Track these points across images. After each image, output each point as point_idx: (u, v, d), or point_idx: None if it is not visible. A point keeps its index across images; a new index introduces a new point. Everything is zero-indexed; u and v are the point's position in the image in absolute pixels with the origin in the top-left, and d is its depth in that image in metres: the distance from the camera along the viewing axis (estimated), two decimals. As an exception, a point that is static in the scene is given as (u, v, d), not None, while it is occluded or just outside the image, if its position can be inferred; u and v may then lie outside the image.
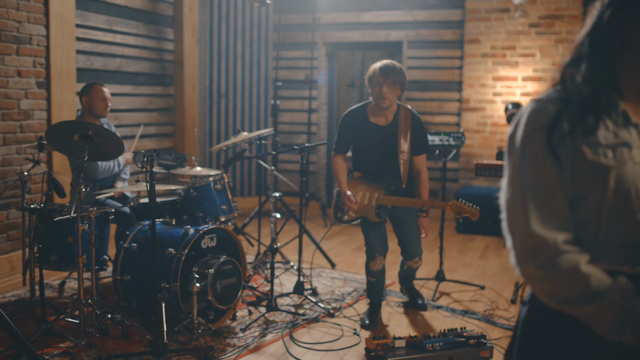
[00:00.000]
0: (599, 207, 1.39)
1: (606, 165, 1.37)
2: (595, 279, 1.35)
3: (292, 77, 8.75)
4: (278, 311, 4.52)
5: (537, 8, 7.64)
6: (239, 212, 4.88)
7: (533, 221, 1.38)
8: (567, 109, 1.41)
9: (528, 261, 1.39)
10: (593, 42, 1.45)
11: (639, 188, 1.38)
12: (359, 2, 8.40)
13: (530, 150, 1.41)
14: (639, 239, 1.40)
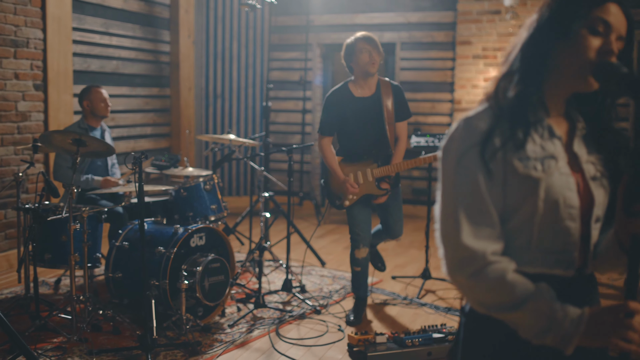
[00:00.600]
0: (531, 216, 1.49)
1: (536, 178, 1.47)
2: (520, 288, 1.44)
3: (287, 78, 8.88)
4: (266, 308, 4.65)
5: (528, 10, 7.74)
6: (228, 211, 5.02)
7: (463, 234, 1.46)
8: (498, 124, 1.50)
9: (458, 271, 1.48)
10: (525, 58, 1.55)
11: (566, 197, 1.49)
12: (353, 4, 8.52)
13: (463, 166, 1.49)
14: (568, 243, 1.52)
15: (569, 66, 1.52)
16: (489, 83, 1.62)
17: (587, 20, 1.49)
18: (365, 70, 4.34)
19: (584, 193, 1.54)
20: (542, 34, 1.54)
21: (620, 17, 1.51)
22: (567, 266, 1.53)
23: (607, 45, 1.48)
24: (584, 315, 1.40)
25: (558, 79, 1.56)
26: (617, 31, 1.50)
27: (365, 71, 4.35)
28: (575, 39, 1.50)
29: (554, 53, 1.53)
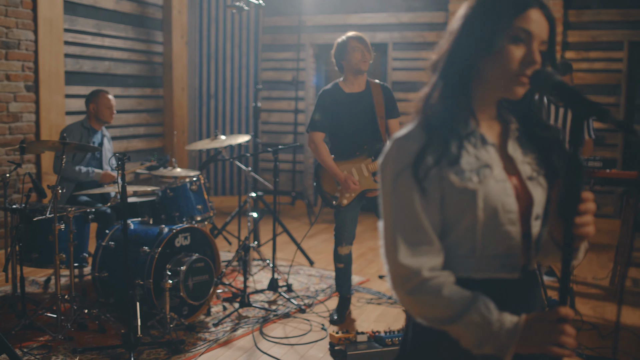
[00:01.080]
0: (472, 226, 1.53)
1: (473, 189, 1.51)
2: (456, 302, 1.48)
3: (280, 78, 8.94)
4: (251, 307, 4.70)
5: (519, 10, 7.77)
6: (215, 211, 5.07)
7: (401, 252, 1.50)
8: (430, 142, 1.52)
9: (399, 287, 1.53)
10: (449, 74, 1.58)
11: (504, 203, 1.53)
12: (345, 5, 8.57)
13: (397, 188, 1.52)
14: (511, 247, 1.56)
15: (494, 77, 1.55)
16: (417, 99, 1.64)
17: (509, 32, 1.51)
18: (357, 67, 4.40)
19: (523, 194, 1.58)
20: (464, 49, 1.56)
21: (541, 21, 1.53)
22: (512, 269, 1.57)
23: (531, 55, 1.51)
24: (519, 325, 1.45)
25: (485, 88, 1.58)
26: (539, 37, 1.52)
27: (357, 69, 4.40)
28: (499, 52, 1.52)
29: (478, 65, 1.56)
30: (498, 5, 1.54)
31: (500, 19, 1.52)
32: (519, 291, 1.59)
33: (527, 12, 1.51)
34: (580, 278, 5.78)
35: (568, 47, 7.86)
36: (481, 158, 1.55)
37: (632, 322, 4.68)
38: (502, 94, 1.58)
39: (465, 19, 1.58)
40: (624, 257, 5.30)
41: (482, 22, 1.54)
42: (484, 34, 1.53)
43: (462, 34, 1.57)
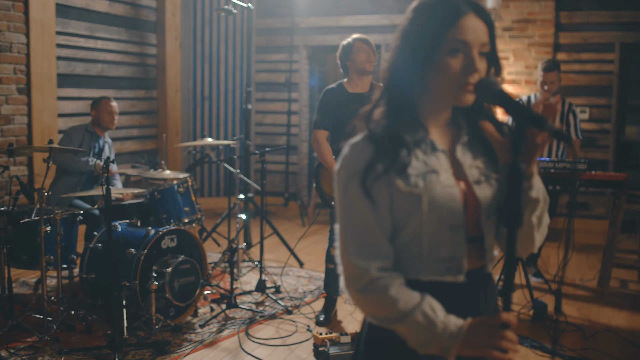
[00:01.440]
0: (418, 229, 1.57)
1: (418, 194, 1.55)
2: (402, 303, 1.52)
3: (274, 80, 8.98)
4: (238, 308, 4.74)
5: (511, 12, 7.82)
6: (202, 213, 5.10)
7: (351, 252, 1.56)
8: (379, 151, 1.56)
9: (349, 286, 1.58)
10: (393, 87, 1.62)
11: (450, 208, 1.57)
12: (338, 7, 8.60)
13: (348, 192, 1.57)
14: (455, 252, 1.59)
15: (438, 89, 1.58)
16: (366, 109, 1.68)
17: (445, 46, 1.53)
18: (363, 68, 4.46)
19: (471, 198, 1.61)
20: (405, 64, 1.59)
21: (477, 26, 1.54)
22: (456, 272, 1.60)
23: (471, 64, 1.53)
24: (462, 328, 1.49)
25: (432, 99, 1.62)
26: (478, 43, 1.54)
27: (363, 69, 4.47)
28: (439, 65, 1.55)
29: (422, 78, 1.59)
30: (430, 19, 1.56)
31: (433, 34, 1.54)
32: (464, 294, 1.62)
33: (459, 22, 1.53)
34: (569, 279, 5.81)
35: (560, 48, 7.89)
36: (429, 164, 1.58)
37: (617, 324, 4.71)
38: (450, 103, 1.61)
39: (402, 35, 1.61)
40: (609, 259, 5.33)
41: (418, 37, 1.56)
42: (421, 49, 1.55)
43: (401, 50, 1.60)
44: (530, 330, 4.54)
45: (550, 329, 4.53)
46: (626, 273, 6.00)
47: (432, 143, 1.62)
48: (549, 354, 4.16)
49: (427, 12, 1.58)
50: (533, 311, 4.80)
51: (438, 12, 1.55)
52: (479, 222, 1.62)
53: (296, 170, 9.01)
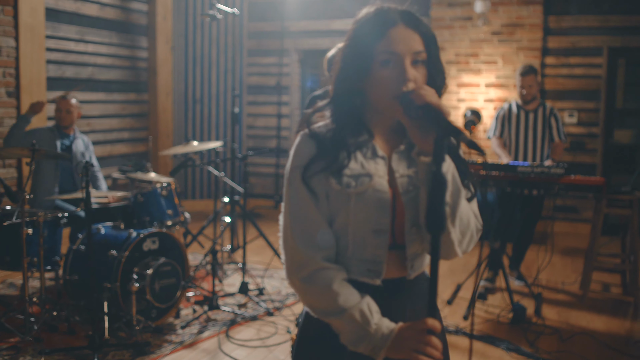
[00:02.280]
0: (345, 226, 1.64)
1: (348, 194, 1.61)
2: (343, 297, 1.58)
3: (266, 83, 9.04)
4: (220, 310, 4.79)
5: (499, 16, 7.87)
6: (185, 216, 5.15)
7: (297, 240, 1.62)
8: (320, 151, 1.63)
9: (294, 274, 1.64)
10: (337, 95, 1.67)
11: (376, 213, 1.62)
12: (329, 11, 8.66)
13: (292, 182, 1.65)
14: (376, 255, 1.65)
15: (376, 100, 1.63)
16: (309, 111, 1.74)
17: (376, 58, 1.58)
18: None
19: (400, 207, 1.66)
20: (347, 75, 1.64)
21: (407, 36, 1.58)
22: (374, 275, 1.66)
23: (402, 74, 1.57)
24: (393, 331, 1.56)
25: (373, 109, 1.67)
26: (409, 53, 1.58)
27: None
28: (373, 78, 1.60)
29: (361, 90, 1.65)
30: (363, 33, 1.61)
31: (365, 47, 1.59)
32: (379, 299, 1.65)
33: (387, 34, 1.58)
34: (552, 283, 5.85)
35: (548, 52, 7.94)
36: (366, 167, 1.64)
37: (595, 327, 4.75)
38: (388, 113, 1.65)
39: (343, 49, 1.67)
40: (589, 262, 5.38)
41: (353, 51, 1.62)
42: (356, 62, 1.61)
43: (343, 63, 1.66)
44: (509, 333, 4.59)
45: (528, 332, 4.58)
46: (609, 276, 6.04)
47: (373, 148, 1.67)
48: (524, 356, 4.21)
49: (361, 26, 1.63)
50: (512, 314, 4.85)
51: (369, 25, 1.61)
52: (402, 230, 1.67)
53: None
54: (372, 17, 1.62)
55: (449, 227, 1.57)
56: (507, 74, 7.88)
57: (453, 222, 1.59)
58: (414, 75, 1.58)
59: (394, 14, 1.61)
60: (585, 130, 7.92)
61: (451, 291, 5.39)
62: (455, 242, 1.61)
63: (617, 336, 4.59)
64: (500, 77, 7.91)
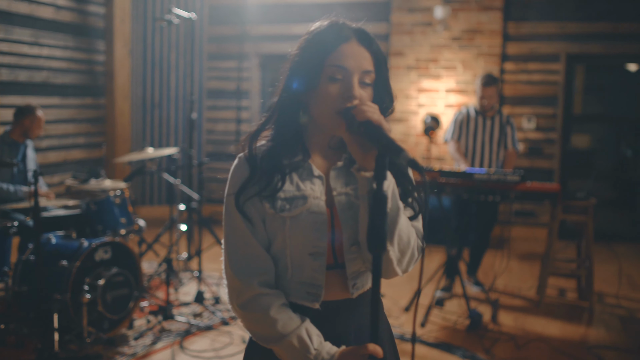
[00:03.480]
0: (282, 250, 1.61)
1: (284, 217, 1.59)
2: (281, 323, 1.56)
3: (226, 87, 8.95)
4: (175, 320, 4.71)
5: (459, 22, 7.91)
6: (139, 224, 5.07)
7: (234, 266, 1.60)
8: (253, 175, 1.60)
9: (233, 301, 1.61)
10: (284, 101, 1.64)
11: (313, 235, 1.59)
12: (289, 15, 8.62)
13: (227, 209, 1.63)
14: (314, 278, 1.62)
15: (319, 115, 1.60)
16: (247, 134, 1.69)
17: (324, 72, 1.56)
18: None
19: (338, 226, 1.63)
20: (291, 89, 1.61)
21: (359, 53, 1.57)
22: (313, 299, 1.63)
23: (349, 90, 1.55)
24: (334, 357, 1.54)
25: (315, 124, 1.64)
26: (358, 70, 1.56)
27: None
28: (319, 91, 1.57)
29: (305, 104, 1.62)
30: (314, 45, 1.59)
31: (314, 60, 1.57)
32: (322, 320, 1.63)
33: (339, 49, 1.56)
34: (509, 288, 5.88)
35: (507, 58, 8.00)
36: (301, 189, 1.61)
37: (550, 333, 4.78)
38: (330, 129, 1.62)
39: (291, 60, 1.64)
40: (545, 268, 5.42)
41: (302, 63, 1.59)
42: (304, 75, 1.58)
43: (289, 75, 1.63)
44: (465, 340, 4.60)
45: (484, 339, 4.59)
46: (565, 282, 6.10)
47: (310, 168, 1.64)
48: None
49: (313, 38, 1.61)
50: (469, 321, 4.86)
51: (321, 38, 1.59)
52: (341, 250, 1.64)
53: (248, 178, 8.99)
54: (326, 30, 1.60)
55: (387, 246, 1.54)
56: (467, 79, 7.92)
57: (391, 240, 1.56)
58: (360, 93, 1.56)
59: (348, 30, 1.60)
60: (543, 135, 8.00)
61: (409, 298, 5.39)
62: (394, 261, 1.59)
63: (572, 342, 4.62)
64: (460, 82, 7.95)
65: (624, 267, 6.29)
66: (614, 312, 5.32)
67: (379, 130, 1.45)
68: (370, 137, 1.47)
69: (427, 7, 7.97)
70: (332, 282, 1.64)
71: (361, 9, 8.32)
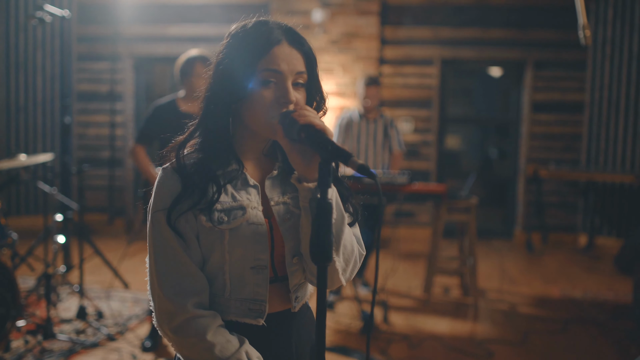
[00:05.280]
0: (221, 265, 1.49)
1: (222, 230, 1.48)
2: (219, 347, 1.45)
3: (98, 90, 8.55)
4: (57, 339, 4.39)
5: (338, 26, 7.98)
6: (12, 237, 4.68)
7: (165, 287, 1.46)
8: (186, 189, 1.47)
9: (164, 324, 1.48)
10: (207, 121, 1.53)
11: (253, 247, 1.50)
12: (165, 15, 8.35)
13: (155, 225, 1.48)
14: (257, 293, 1.52)
15: (252, 122, 1.52)
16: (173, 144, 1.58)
17: (257, 77, 1.47)
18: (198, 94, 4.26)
19: (278, 237, 1.55)
20: (219, 96, 1.51)
21: (291, 55, 1.50)
22: (257, 315, 1.54)
23: (284, 95, 1.47)
24: None
25: (248, 130, 1.55)
26: (292, 72, 1.49)
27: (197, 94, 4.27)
28: (251, 97, 1.48)
29: (236, 110, 1.52)
30: (242, 48, 1.49)
31: (245, 64, 1.47)
32: (264, 337, 1.56)
33: (271, 52, 1.48)
34: (396, 288, 5.96)
35: (385, 62, 8.15)
36: (238, 199, 1.51)
37: (441, 331, 4.88)
38: (265, 135, 1.55)
39: (217, 64, 1.53)
40: (432, 267, 5.54)
41: (231, 68, 1.49)
42: (233, 80, 1.48)
43: (215, 80, 1.52)
44: (360, 343, 4.59)
45: (379, 340, 4.61)
46: (449, 279, 6.27)
47: (245, 177, 1.54)
48: (377, 365, 4.23)
49: (240, 41, 1.50)
50: (362, 323, 4.87)
51: (250, 40, 1.48)
52: (283, 263, 1.56)
53: (121, 185, 8.61)
54: (253, 33, 1.50)
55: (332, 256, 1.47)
56: (346, 82, 7.98)
57: (337, 250, 1.50)
58: (295, 97, 1.49)
59: (278, 31, 1.50)
60: (420, 137, 8.22)
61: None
62: (339, 271, 1.53)
63: (461, 338, 4.74)
64: (340, 85, 8.01)
65: (498, 262, 6.56)
66: (496, 307, 5.51)
67: (322, 135, 1.38)
68: (313, 143, 1.39)
69: (306, 10, 7.98)
70: (273, 296, 1.57)
71: (239, 11, 8.09)
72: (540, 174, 7.97)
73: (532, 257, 7.63)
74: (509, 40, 8.11)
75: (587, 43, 3.47)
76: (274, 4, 8.00)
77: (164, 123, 4.33)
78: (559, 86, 8.20)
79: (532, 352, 4.49)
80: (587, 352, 4.51)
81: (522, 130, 8.40)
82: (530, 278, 6.55)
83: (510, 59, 8.24)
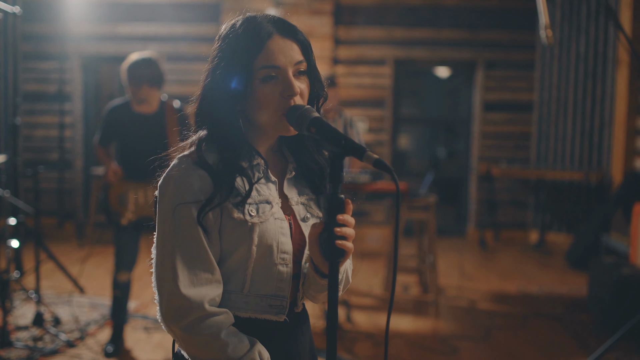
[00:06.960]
0: (245, 260, 1.45)
1: (251, 223, 1.43)
2: (232, 347, 1.41)
3: (45, 90, 8.31)
4: (13, 347, 4.24)
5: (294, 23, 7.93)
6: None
7: (181, 282, 1.40)
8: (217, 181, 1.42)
9: (172, 322, 1.42)
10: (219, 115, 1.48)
11: (280, 242, 1.47)
12: (115, 14, 8.18)
13: (180, 220, 1.41)
14: (280, 289, 1.50)
15: (260, 119, 1.48)
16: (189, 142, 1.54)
17: (256, 75, 1.44)
18: (140, 100, 4.19)
19: (297, 235, 1.53)
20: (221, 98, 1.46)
21: (286, 46, 1.46)
22: (278, 311, 1.52)
23: (288, 88, 1.44)
24: None
25: (256, 129, 1.52)
26: (290, 63, 1.46)
27: (140, 100, 4.18)
28: (255, 96, 1.45)
29: (241, 110, 1.49)
30: (237, 49, 1.45)
31: (242, 65, 1.43)
32: (282, 334, 1.54)
33: (266, 47, 1.44)
34: (357, 288, 5.97)
35: (338, 62, 8.16)
36: (262, 193, 1.48)
37: (404, 329, 4.90)
38: (275, 133, 1.52)
39: (213, 68, 1.48)
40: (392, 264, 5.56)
41: (228, 70, 1.45)
42: (234, 83, 1.44)
43: (214, 84, 1.47)
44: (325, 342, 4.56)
45: (344, 340, 4.60)
46: (408, 277, 6.31)
47: (265, 171, 1.52)
48: (344, 365, 4.22)
49: (232, 42, 1.46)
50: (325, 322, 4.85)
51: (242, 39, 1.45)
52: (299, 262, 1.55)
53: (71, 188, 8.39)
54: (243, 31, 1.46)
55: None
56: (299, 82, 7.95)
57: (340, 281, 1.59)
58: (299, 88, 1.46)
59: (267, 25, 1.47)
60: (374, 137, 8.26)
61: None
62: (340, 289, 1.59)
63: (425, 335, 4.77)
64: (293, 85, 7.97)
65: (454, 259, 6.64)
66: (456, 304, 5.57)
67: (333, 130, 1.35)
68: (324, 138, 1.35)
69: (259, 10, 7.63)
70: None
71: (191, 10, 8.10)
72: (492, 173, 8.11)
73: (486, 254, 7.76)
74: (461, 41, 8.24)
75: (549, 42, 3.54)
76: (227, 3, 7.91)
77: (119, 124, 4.27)
78: (510, 86, 8.37)
79: (496, 347, 4.55)
80: (548, 346, 4.59)
81: (474, 130, 8.53)
82: (487, 274, 6.64)
83: (461, 59, 8.37)
